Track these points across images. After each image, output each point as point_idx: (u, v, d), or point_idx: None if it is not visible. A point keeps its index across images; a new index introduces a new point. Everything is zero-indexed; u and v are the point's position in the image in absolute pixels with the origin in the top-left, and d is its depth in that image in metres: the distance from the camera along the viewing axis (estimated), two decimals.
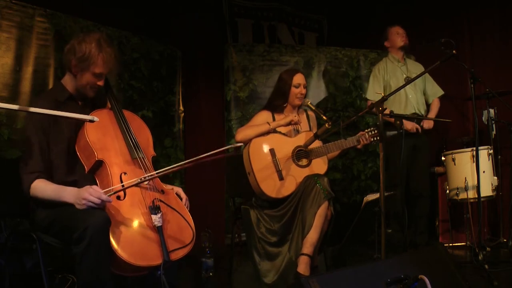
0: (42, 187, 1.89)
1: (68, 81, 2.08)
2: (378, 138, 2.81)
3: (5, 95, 2.97)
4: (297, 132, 2.98)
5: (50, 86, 3.14)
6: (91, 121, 1.70)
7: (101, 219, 1.70)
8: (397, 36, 3.91)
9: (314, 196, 2.62)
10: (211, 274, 3.12)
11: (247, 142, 2.83)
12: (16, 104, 2.95)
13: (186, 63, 4.43)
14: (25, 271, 2.80)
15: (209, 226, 3.21)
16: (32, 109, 1.64)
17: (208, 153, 1.78)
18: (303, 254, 2.57)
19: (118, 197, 1.87)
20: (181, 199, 2.09)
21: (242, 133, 2.87)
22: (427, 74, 3.86)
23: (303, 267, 2.54)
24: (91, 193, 1.75)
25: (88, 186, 1.79)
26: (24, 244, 2.76)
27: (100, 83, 2.05)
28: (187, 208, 2.05)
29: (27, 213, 2.05)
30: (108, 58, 2.00)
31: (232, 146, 1.80)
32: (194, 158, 1.80)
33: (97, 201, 1.75)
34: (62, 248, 1.95)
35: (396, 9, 4.96)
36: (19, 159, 2.00)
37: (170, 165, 1.87)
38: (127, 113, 2.15)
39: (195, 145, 4.45)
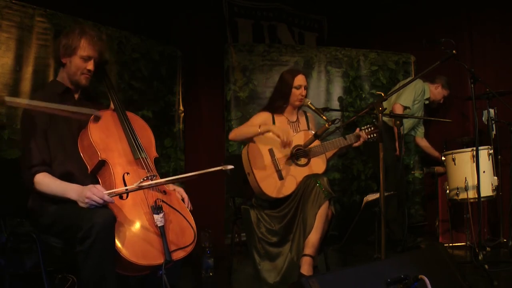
0: (47, 182, 1.89)
1: (62, 77, 2.11)
2: (375, 135, 2.83)
3: (5, 95, 2.96)
4: (296, 132, 2.98)
5: None
6: (97, 116, 1.70)
7: (107, 217, 1.71)
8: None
9: (315, 197, 2.62)
10: (211, 274, 3.12)
11: (238, 140, 2.87)
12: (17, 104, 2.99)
13: (186, 63, 4.42)
14: (25, 271, 2.80)
15: (209, 226, 3.22)
16: (41, 103, 1.64)
17: (206, 170, 1.83)
18: (305, 255, 2.57)
19: (121, 197, 1.87)
20: (183, 199, 2.09)
21: (234, 132, 2.95)
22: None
23: (306, 267, 2.54)
24: (94, 193, 1.76)
25: (91, 185, 1.80)
26: (24, 244, 2.76)
27: (90, 67, 2.06)
28: (189, 209, 2.05)
29: (27, 213, 2.04)
30: (92, 40, 2.05)
31: (227, 167, 1.79)
32: (195, 173, 1.87)
33: (100, 201, 1.76)
34: (62, 248, 1.95)
35: (396, 9, 4.97)
36: (19, 158, 2.00)
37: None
38: (130, 114, 2.16)
39: (195, 145, 4.44)
